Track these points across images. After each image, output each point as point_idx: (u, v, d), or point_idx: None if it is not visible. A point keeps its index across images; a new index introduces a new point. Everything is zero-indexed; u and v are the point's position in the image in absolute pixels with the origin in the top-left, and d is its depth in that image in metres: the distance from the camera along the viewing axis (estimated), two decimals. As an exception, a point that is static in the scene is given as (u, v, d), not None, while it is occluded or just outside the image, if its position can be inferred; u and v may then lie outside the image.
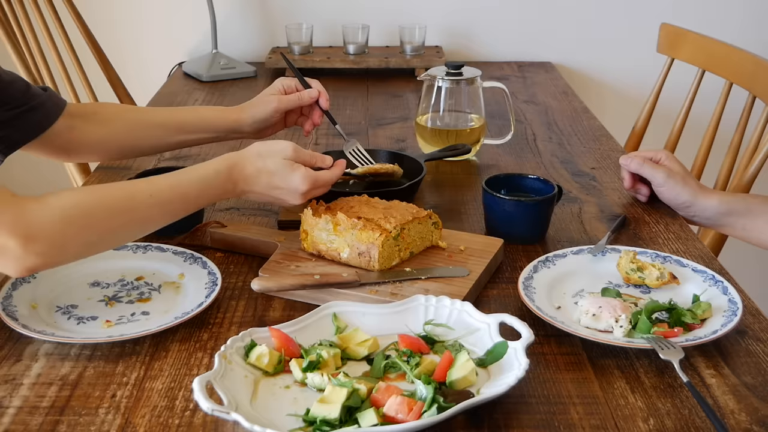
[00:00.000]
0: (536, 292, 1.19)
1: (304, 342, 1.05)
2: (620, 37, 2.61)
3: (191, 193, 1.18)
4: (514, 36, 2.63)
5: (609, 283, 1.24)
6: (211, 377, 0.95)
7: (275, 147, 1.24)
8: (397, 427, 0.88)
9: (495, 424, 0.95)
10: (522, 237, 1.38)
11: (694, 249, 1.37)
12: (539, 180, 1.44)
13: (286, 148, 1.24)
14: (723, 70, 1.98)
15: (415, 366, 1.00)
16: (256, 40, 2.62)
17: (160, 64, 2.56)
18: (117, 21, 2.59)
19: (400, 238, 1.25)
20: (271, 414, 0.95)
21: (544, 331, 1.12)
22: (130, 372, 1.05)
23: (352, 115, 2.10)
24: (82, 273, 1.26)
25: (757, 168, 1.78)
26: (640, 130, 2.16)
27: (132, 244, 1.32)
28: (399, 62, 2.44)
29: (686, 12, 2.54)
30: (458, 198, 1.58)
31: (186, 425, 0.95)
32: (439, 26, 2.59)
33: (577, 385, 1.03)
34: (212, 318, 1.17)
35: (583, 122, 2.04)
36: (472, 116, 1.78)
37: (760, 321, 1.16)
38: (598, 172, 1.72)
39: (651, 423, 0.96)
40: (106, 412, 0.98)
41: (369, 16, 2.56)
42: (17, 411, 0.98)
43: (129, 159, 1.73)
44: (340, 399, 0.92)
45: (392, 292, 1.18)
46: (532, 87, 2.35)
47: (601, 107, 2.45)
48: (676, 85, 2.14)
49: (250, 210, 1.52)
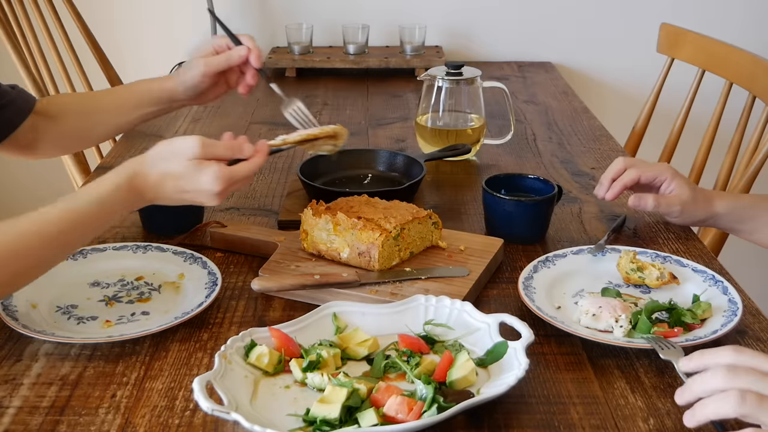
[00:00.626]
0: (536, 292, 1.19)
1: (304, 342, 1.05)
2: (620, 37, 2.61)
3: (89, 219, 1.09)
4: (514, 36, 2.63)
5: (609, 283, 1.24)
6: (211, 377, 0.95)
7: (179, 146, 1.12)
8: (397, 427, 0.88)
9: (495, 424, 0.96)
10: (522, 237, 1.38)
11: (694, 249, 1.37)
12: (539, 180, 1.44)
13: (192, 146, 1.11)
14: (723, 70, 1.98)
15: (415, 366, 1.00)
16: (257, 40, 2.61)
17: (160, 64, 2.55)
18: (117, 21, 2.59)
19: (400, 238, 1.25)
20: (271, 414, 0.95)
21: (544, 331, 1.12)
22: (130, 372, 1.05)
23: (352, 115, 2.10)
24: (82, 273, 1.26)
25: (757, 168, 1.78)
26: (640, 130, 2.16)
27: (132, 244, 1.32)
28: (399, 62, 2.44)
29: (686, 12, 2.54)
30: (458, 198, 1.58)
31: (186, 425, 0.95)
32: (439, 26, 2.59)
33: (577, 385, 1.03)
34: (212, 318, 1.17)
35: (583, 122, 2.04)
36: (472, 116, 1.78)
37: (760, 321, 1.16)
38: (598, 172, 1.71)
39: (651, 423, 0.96)
40: (106, 412, 0.98)
41: (369, 16, 2.56)
42: (17, 411, 0.98)
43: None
44: (340, 399, 0.92)
45: (392, 292, 1.18)
46: (532, 87, 2.35)
47: (601, 107, 2.45)
48: (676, 85, 2.14)
49: (250, 210, 1.52)
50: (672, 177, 1.39)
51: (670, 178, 1.38)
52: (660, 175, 1.39)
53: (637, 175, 1.39)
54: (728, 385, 0.83)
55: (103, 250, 1.31)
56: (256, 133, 1.93)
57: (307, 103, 1.47)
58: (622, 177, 1.40)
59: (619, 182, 1.39)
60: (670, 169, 1.40)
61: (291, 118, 1.45)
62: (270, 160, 1.76)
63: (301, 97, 1.50)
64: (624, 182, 1.39)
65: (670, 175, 1.39)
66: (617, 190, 1.39)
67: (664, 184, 1.39)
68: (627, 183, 1.39)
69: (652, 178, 1.39)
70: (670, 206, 1.38)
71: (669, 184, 1.39)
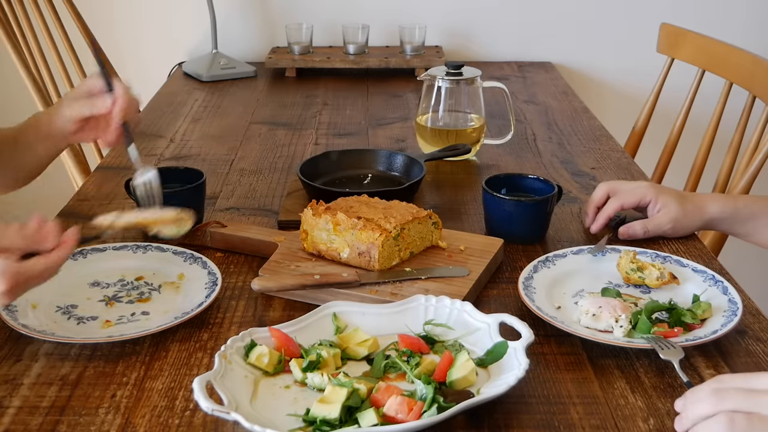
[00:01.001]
0: (536, 292, 1.19)
1: (304, 342, 1.05)
2: (620, 37, 2.61)
3: None
4: (514, 36, 2.63)
5: (609, 283, 1.24)
6: (211, 377, 0.95)
7: None
8: (397, 427, 0.88)
9: (495, 424, 0.96)
10: (522, 237, 1.38)
11: (694, 249, 1.37)
12: (539, 180, 1.44)
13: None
14: (723, 70, 1.98)
15: (415, 366, 1.00)
16: (256, 40, 2.62)
17: (160, 64, 2.56)
18: (117, 21, 2.59)
19: (400, 238, 1.25)
20: (271, 414, 0.95)
21: (544, 331, 1.12)
22: (130, 372, 1.05)
23: (352, 115, 2.10)
24: (82, 273, 1.26)
25: (757, 168, 1.78)
26: (640, 130, 2.16)
27: (132, 244, 1.32)
28: (399, 62, 2.44)
29: (686, 12, 2.54)
30: (458, 198, 1.58)
31: (186, 425, 0.95)
32: (439, 26, 2.59)
33: (577, 385, 1.03)
34: (212, 318, 1.17)
35: (583, 122, 2.04)
36: (472, 116, 1.78)
37: (760, 321, 1.16)
38: (598, 172, 1.72)
39: (651, 423, 0.96)
40: (106, 412, 0.98)
41: (369, 16, 2.56)
42: (17, 411, 0.98)
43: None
44: (340, 399, 0.92)
45: (392, 292, 1.18)
46: (532, 87, 2.35)
47: (601, 107, 2.45)
48: (676, 85, 2.14)
49: (250, 210, 1.52)
50: (656, 196, 1.38)
51: (655, 198, 1.38)
52: (643, 198, 1.39)
53: (618, 205, 1.39)
54: (717, 409, 0.85)
55: (103, 250, 1.30)
56: (256, 133, 1.94)
57: (307, 103, 1.44)
58: (605, 208, 1.40)
59: (603, 214, 1.40)
60: (652, 188, 1.39)
61: (138, 191, 1.26)
62: (270, 159, 1.78)
63: (301, 97, 1.49)
64: (607, 213, 1.39)
65: (654, 194, 1.38)
66: (601, 222, 1.40)
67: (650, 206, 1.39)
68: (610, 214, 1.39)
69: (635, 203, 1.39)
70: (660, 227, 1.37)
71: (655, 204, 1.38)
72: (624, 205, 1.39)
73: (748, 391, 0.85)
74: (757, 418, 0.83)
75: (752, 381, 0.87)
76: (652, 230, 1.38)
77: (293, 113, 2.09)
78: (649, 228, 1.38)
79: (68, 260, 1.24)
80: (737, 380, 0.88)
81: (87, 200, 1.56)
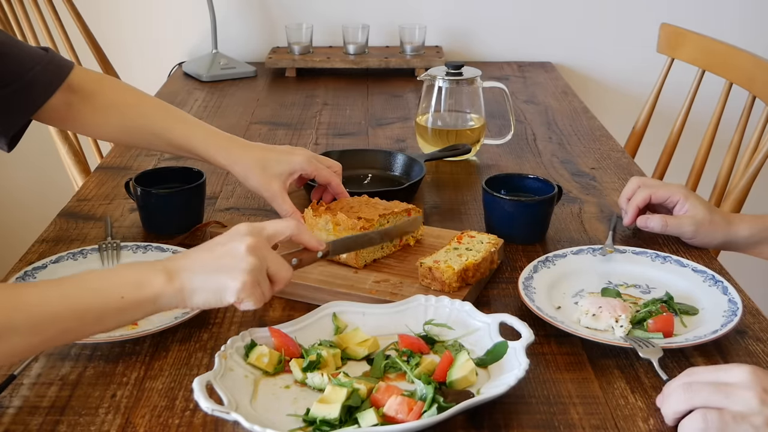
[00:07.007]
0: (536, 292, 1.19)
1: (304, 342, 1.06)
2: (620, 37, 2.61)
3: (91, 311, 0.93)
4: (514, 36, 2.63)
5: (609, 283, 1.24)
6: (211, 377, 0.95)
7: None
8: (397, 427, 0.88)
9: (495, 424, 0.96)
10: (522, 237, 1.38)
11: (694, 249, 1.37)
12: (539, 180, 1.44)
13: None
14: (723, 70, 1.98)
15: (415, 366, 1.00)
16: (256, 40, 2.62)
17: (160, 64, 2.56)
18: (117, 21, 2.59)
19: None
20: (271, 414, 0.95)
21: (544, 331, 1.12)
22: (130, 372, 1.05)
23: (352, 115, 2.10)
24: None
25: (757, 168, 1.78)
26: (640, 130, 2.16)
27: (132, 244, 1.31)
28: (399, 62, 2.44)
29: (686, 12, 2.54)
30: (458, 198, 1.58)
31: (186, 425, 0.95)
32: (439, 26, 2.60)
33: (577, 385, 1.03)
34: (212, 318, 1.17)
35: (583, 122, 2.05)
36: (472, 116, 1.78)
37: (760, 321, 1.16)
38: (598, 172, 1.72)
39: (651, 423, 0.96)
40: (106, 412, 0.98)
41: (369, 16, 2.56)
42: (17, 411, 0.98)
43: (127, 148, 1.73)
44: (340, 399, 0.92)
45: (392, 292, 1.18)
46: (532, 87, 2.36)
47: (601, 107, 2.45)
48: (676, 85, 2.14)
49: (250, 210, 1.52)
50: (685, 198, 1.35)
51: (684, 199, 1.35)
52: (673, 196, 1.36)
53: (647, 195, 1.37)
54: (688, 404, 0.90)
55: (103, 250, 1.30)
56: (256, 133, 1.94)
57: (307, 103, 1.45)
58: (634, 198, 1.38)
59: (632, 204, 1.38)
60: (683, 189, 1.37)
61: None
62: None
63: (301, 97, 1.49)
64: (636, 203, 1.38)
65: (683, 195, 1.35)
66: (631, 213, 1.38)
67: (677, 206, 1.36)
68: (639, 204, 1.37)
69: (664, 198, 1.37)
70: (681, 227, 1.34)
71: (683, 205, 1.35)
72: (653, 197, 1.37)
73: (717, 384, 0.89)
74: (728, 414, 0.87)
75: (720, 374, 0.91)
76: (672, 226, 1.35)
77: (293, 113, 2.09)
78: (669, 223, 1.34)
79: (68, 260, 1.26)
80: (707, 373, 0.91)
81: (87, 200, 1.55)
